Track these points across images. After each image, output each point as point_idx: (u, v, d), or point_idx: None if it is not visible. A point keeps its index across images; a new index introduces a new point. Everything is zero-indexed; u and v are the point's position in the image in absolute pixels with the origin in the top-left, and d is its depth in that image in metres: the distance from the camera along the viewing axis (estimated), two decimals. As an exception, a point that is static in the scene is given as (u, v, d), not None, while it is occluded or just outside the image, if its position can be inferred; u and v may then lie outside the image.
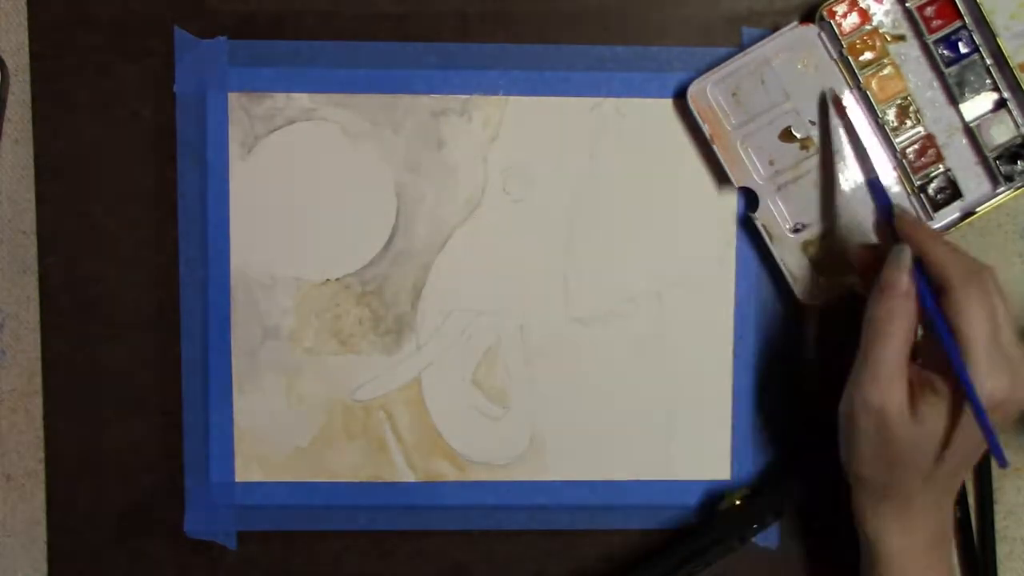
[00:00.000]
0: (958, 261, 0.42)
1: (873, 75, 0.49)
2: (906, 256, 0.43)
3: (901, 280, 0.43)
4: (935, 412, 0.42)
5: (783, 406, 0.51)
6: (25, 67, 0.49)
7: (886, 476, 0.44)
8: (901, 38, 0.49)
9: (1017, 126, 0.49)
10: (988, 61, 0.48)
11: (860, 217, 0.49)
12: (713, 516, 0.50)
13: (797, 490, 0.49)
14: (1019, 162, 0.49)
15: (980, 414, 0.40)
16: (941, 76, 0.49)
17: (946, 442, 0.42)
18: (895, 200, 0.48)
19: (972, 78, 0.49)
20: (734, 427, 0.51)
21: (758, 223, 0.49)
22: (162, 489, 0.50)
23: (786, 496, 0.49)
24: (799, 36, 0.49)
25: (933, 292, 0.43)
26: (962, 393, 0.41)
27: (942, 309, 0.42)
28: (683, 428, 0.51)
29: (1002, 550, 0.52)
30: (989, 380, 0.41)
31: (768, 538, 0.51)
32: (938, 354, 0.42)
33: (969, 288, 0.41)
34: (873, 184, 0.48)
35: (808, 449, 0.50)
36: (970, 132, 0.49)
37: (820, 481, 0.49)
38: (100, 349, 0.49)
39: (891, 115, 0.49)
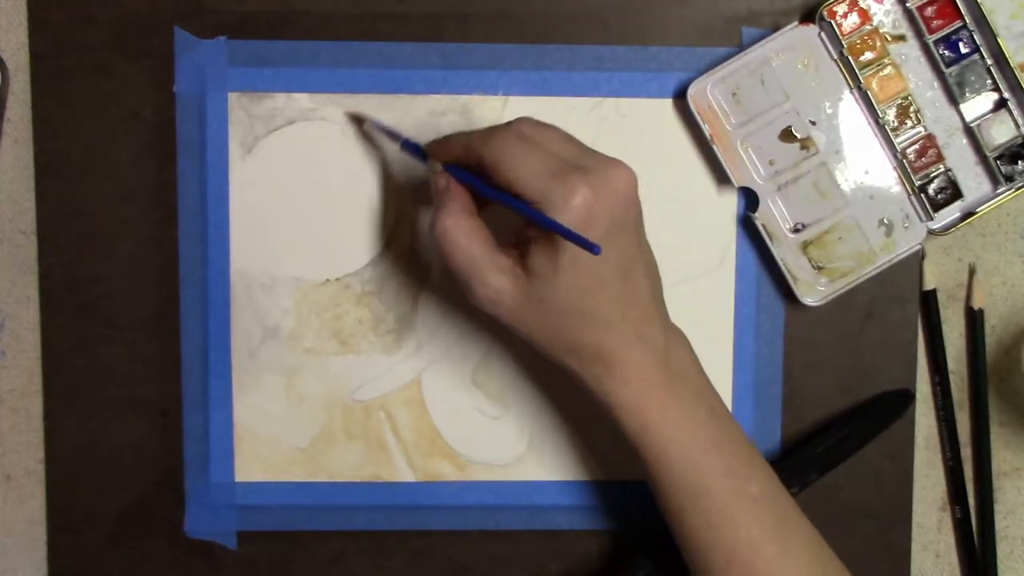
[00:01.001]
0: (483, 133, 0.42)
1: (873, 75, 0.49)
2: (437, 166, 0.43)
3: (440, 181, 0.43)
4: (543, 257, 0.41)
5: (783, 406, 0.51)
6: (25, 67, 0.49)
7: (568, 346, 0.42)
8: (901, 38, 0.49)
9: (1017, 126, 0.49)
10: (988, 61, 0.48)
11: (860, 217, 0.49)
12: None
13: (787, 485, 0.49)
14: (1019, 162, 0.49)
15: (557, 228, 0.39)
16: (941, 76, 0.49)
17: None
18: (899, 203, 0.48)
19: (972, 78, 0.49)
20: (734, 427, 0.51)
21: (758, 223, 0.49)
22: (162, 489, 0.50)
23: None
24: (799, 36, 0.49)
25: (476, 175, 0.42)
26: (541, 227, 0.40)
27: (489, 180, 0.41)
28: (683, 428, 0.51)
29: (1002, 550, 0.52)
30: (562, 197, 0.39)
31: (768, 538, 0.51)
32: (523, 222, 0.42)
33: (493, 143, 0.41)
34: (405, 144, 0.47)
35: (800, 448, 0.50)
36: (970, 132, 0.49)
37: (811, 478, 0.49)
38: (100, 349, 0.49)
39: (891, 115, 0.49)
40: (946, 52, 0.48)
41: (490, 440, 0.51)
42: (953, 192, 0.49)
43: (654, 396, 0.42)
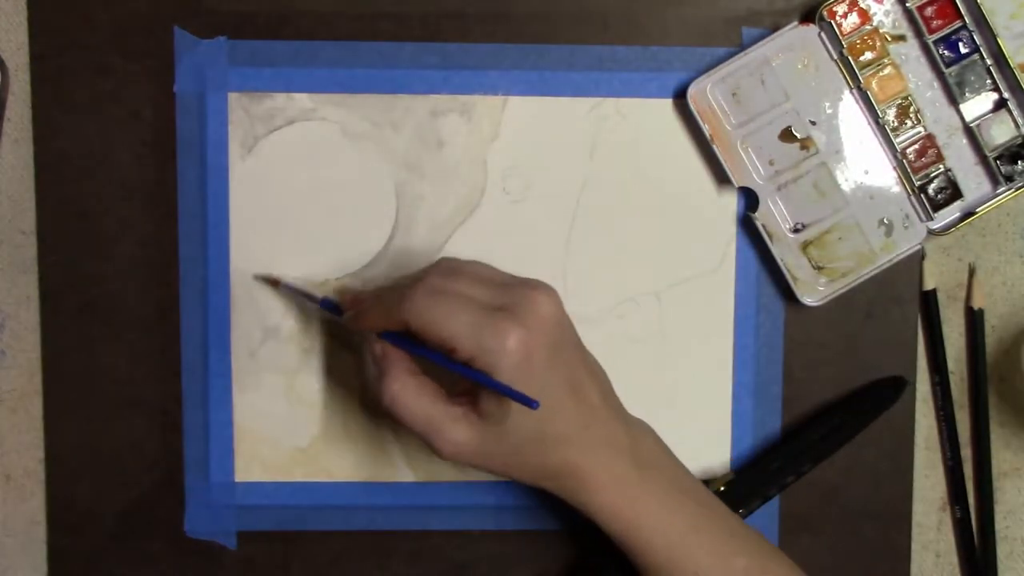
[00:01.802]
0: (384, 297, 0.43)
1: (873, 75, 0.49)
2: (367, 342, 0.44)
3: (375, 349, 0.43)
4: (492, 403, 0.41)
5: (783, 406, 0.51)
6: (25, 67, 0.49)
7: (539, 471, 0.43)
8: (901, 38, 0.49)
9: (1017, 126, 0.49)
10: (988, 61, 0.48)
11: (860, 217, 0.49)
12: None
13: (781, 474, 0.49)
14: (1019, 162, 0.49)
15: (498, 387, 0.40)
16: (941, 76, 0.49)
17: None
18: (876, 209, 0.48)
19: (972, 78, 0.49)
20: (734, 427, 0.51)
21: (758, 223, 0.49)
22: (162, 489, 0.50)
23: (771, 480, 0.49)
24: (799, 36, 0.49)
25: (405, 339, 0.43)
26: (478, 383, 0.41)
27: (418, 343, 0.42)
28: (683, 428, 0.51)
29: (1002, 550, 0.52)
30: (491, 337, 0.40)
31: (767, 537, 0.51)
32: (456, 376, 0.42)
33: (414, 308, 0.41)
34: (324, 304, 0.47)
35: (794, 436, 0.50)
36: (970, 132, 0.49)
37: (805, 467, 0.49)
38: (100, 349, 0.49)
39: (891, 115, 0.49)
40: (946, 52, 0.48)
41: (490, 440, 0.50)
42: (953, 192, 0.49)
43: (629, 495, 0.43)
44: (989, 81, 0.49)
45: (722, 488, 0.49)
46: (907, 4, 0.48)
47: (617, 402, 0.45)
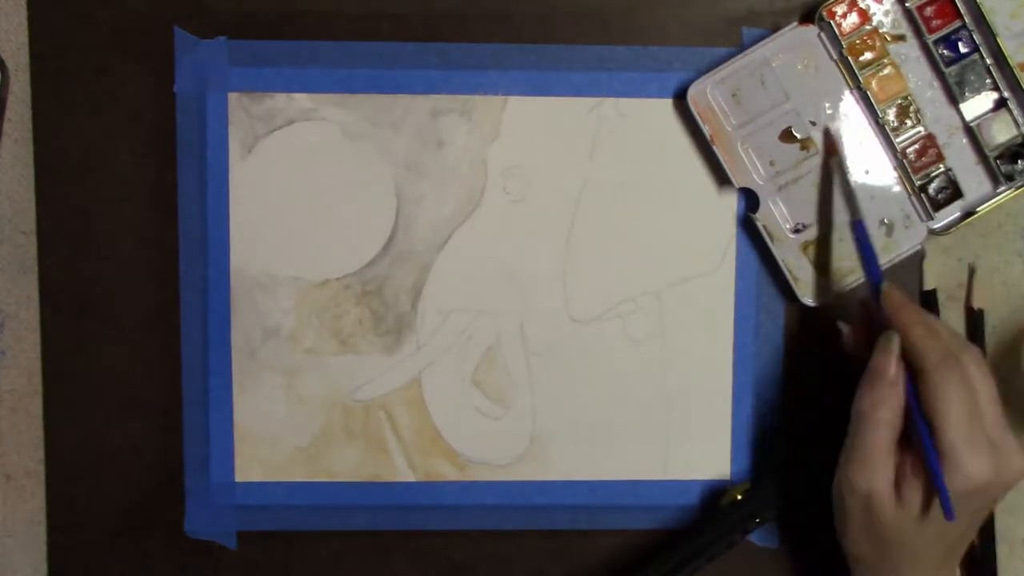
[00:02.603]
0: (937, 345, 0.43)
1: (873, 75, 0.49)
2: (895, 344, 0.43)
3: (889, 369, 0.43)
4: (918, 495, 0.43)
5: (783, 406, 0.51)
6: (25, 67, 0.49)
7: (876, 556, 0.44)
8: (901, 38, 0.49)
9: (1017, 125, 0.49)
10: (988, 61, 0.48)
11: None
12: (714, 512, 0.50)
13: (797, 484, 0.49)
14: (1019, 161, 0.49)
15: (941, 489, 0.41)
16: (941, 76, 0.49)
17: (926, 521, 0.43)
18: (873, 217, 0.48)
19: (972, 78, 0.49)
20: (734, 427, 0.51)
21: (758, 223, 0.49)
22: (162, 489, 0.50)
23: (786, 490, 0.49)
24: (799, 36, 0.49)
25: (912, 375, 0.43)
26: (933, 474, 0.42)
27: (918, 393, 0.42)
28: (683, 428, 0.51)
29: (1002, 550, 0.52)
30: (968, 463, 0.41)
31: (768, 538, 0.51)
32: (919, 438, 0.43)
33: (945, 372, 0.42)
34: (867, 256, 0.47)
35: (807, 444, 0.50)
36: (970, 132, 0.49)
37: (820, 477, 0.49)
38: (100, 349, 0.49)
39: (891, 115, 0.49)
40: (946, 52, 0.48)
41: (490, 440, 0.51)
42: (953, 192, 0.49)
43: None
44: (989, 81, 0.49)
45: (739, 497, 0.49)
46: (907, 4, 0.48)
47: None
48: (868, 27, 0.48)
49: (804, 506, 0.50)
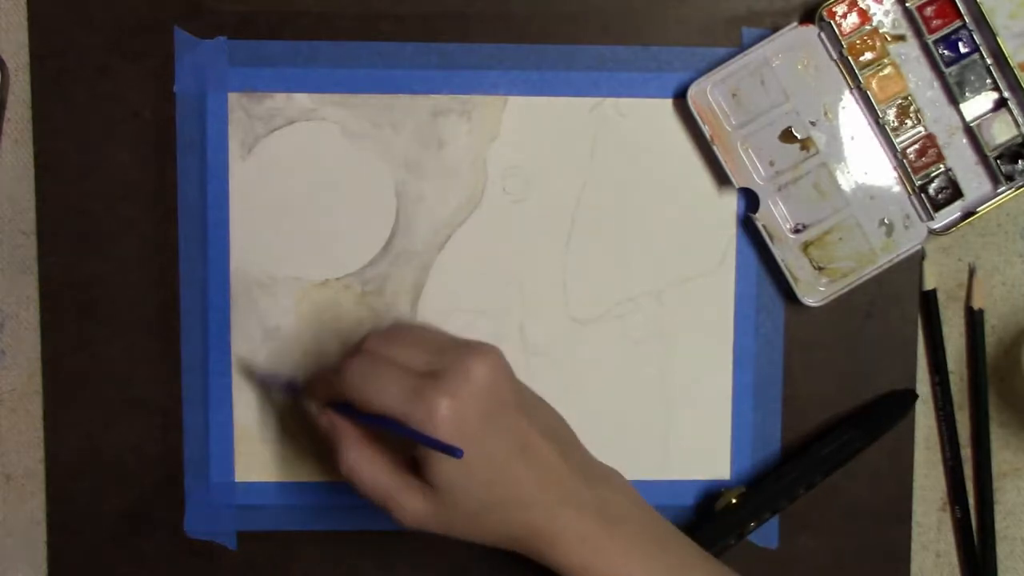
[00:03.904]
0: (338, 367, 0.42)
1: (873, 75, 0.49)
2: (311, 407, 0.44)
3: (323, 424, 0.44)
4: (437, 470, 0.41)
5: (783, 406, 0.51)
6: (25, 67, 0.49)
7: (499, 529, 0.43)
8: (901, 38, 0.49)
9: (1017, 125, 0.49)
10: (988, 61, 0.48)
11: (861, 217, 0.49)
12: (711, 515, 0.50)
13: (793, 487, 0.49)
14: (1020, 161, 0.49)
15: (416, 437, 0.40)
16: (941, 76, 0.49)
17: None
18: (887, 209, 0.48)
19: (972, 78, 0.49)
20: (733, 427, 0.51)
21: (758, 224, 0.49)
22: (162, 489, 0.50)
23: (782, 493, 0.49)
24: (799, 36, 0.49)
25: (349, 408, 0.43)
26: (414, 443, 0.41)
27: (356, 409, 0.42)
28: (682, 428, 0.51)
29: (1002, 550, 0.52)
30: (428, 414, 0.40)
31: (768, 538, 0.51)
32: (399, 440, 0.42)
33: (347, 378, 0.41)
34: (287, 387, 0.48)
35: (806, 445, 0.50)
36: (970, 132, 0.49)
37: (816, 479, 0.49)
38: (100, 349, 0.49)
39: (891, 115, 0.49)
40: (946, 52, 0.48)
41: (490, 440, 0.50)
42: (953, 192, 0.49)
43: (600, 551, 0.43)
44: (989, 81, 0.49)
45: (734, 500, 0.49)
46: (907, 4, 0.48)
47: (581, 457, 0.45)
48: (868, 27, 0.48)
49: (802, 506, 0.50)
